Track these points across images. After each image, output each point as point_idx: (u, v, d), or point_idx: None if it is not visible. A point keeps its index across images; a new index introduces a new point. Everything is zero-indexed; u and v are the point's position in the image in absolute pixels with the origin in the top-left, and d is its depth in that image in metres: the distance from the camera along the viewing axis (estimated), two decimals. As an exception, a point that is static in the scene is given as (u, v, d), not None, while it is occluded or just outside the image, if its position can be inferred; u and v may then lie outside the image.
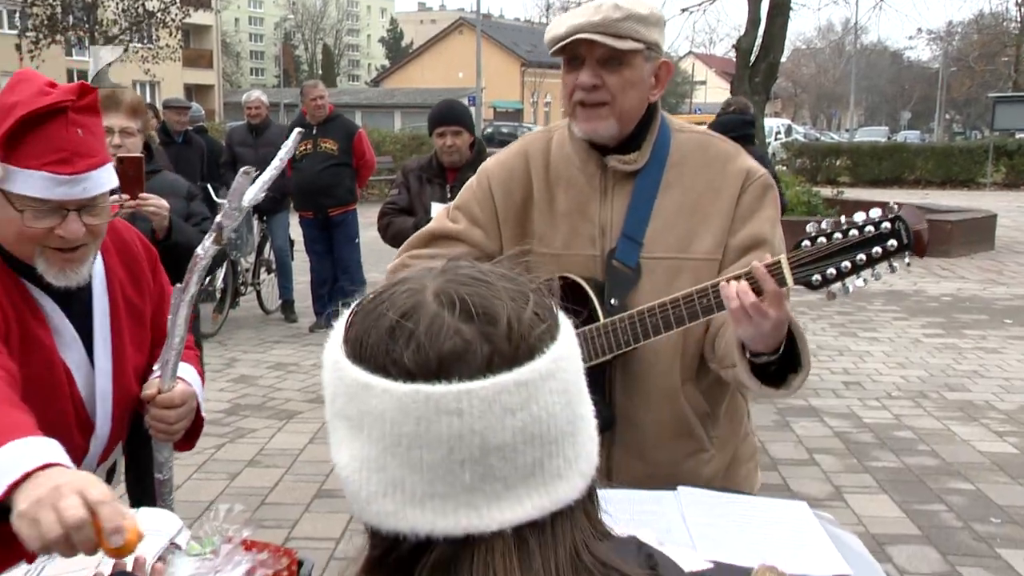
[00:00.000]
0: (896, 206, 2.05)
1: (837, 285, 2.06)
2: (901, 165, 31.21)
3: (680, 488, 2.16)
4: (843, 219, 2.07)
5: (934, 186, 29.92)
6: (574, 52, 2.30)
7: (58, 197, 2.05)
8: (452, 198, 3.77)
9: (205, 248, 2.32)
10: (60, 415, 2.19)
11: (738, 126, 8.07)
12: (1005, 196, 26.62)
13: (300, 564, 1.83)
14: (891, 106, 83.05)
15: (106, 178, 2.13)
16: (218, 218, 2.32)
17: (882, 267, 2.03)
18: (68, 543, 1.46)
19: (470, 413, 0.97)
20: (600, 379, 2.37)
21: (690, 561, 1.51)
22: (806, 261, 2.07)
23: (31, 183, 2.03)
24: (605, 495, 2.12)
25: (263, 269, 11.18)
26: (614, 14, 2.23)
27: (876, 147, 34.00)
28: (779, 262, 2.08)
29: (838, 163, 31.45)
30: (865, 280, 2.05)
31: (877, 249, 2.01)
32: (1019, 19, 41.65)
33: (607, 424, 2.37)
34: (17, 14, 34.36)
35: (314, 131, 9.57)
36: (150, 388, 2.34)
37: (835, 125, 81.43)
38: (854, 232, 2.03)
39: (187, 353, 2.47)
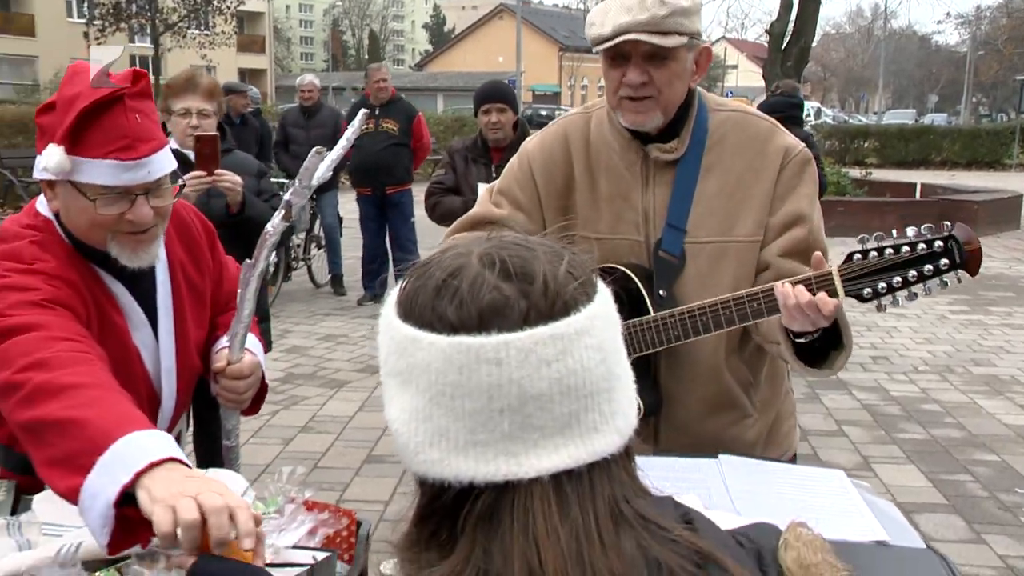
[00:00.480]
0: (949, 225, 2.01)
1: (887, 298, 2.03)
2: (928, 147, 30.96)
3: (721, 456, 2.15)
4: (894, 233, 2.03)
5: (960, 167, 29.66)
6: (620, 50, 2.22)
7: (125, 183, 2.04)
8: (497, 177, 3.76)
9: (275, 225, 2.33)
10: (133, 390, 2.14)
11: (786, 107, 7.99)
12: (1030, 177, 26.27)
13: (359, 524, 1.85)
14: (918, 89, 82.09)
15: (167, 160, 2.13)
16: (287, 196, 2.33)
17: (933, 283, 2.00)
18: (194, 534, 1.45)
19: (508, 363, 0.99)
20: (646, 365, 2.35)
21: (731, 523, 1.51)
22: (857, 275, 2.04)
23: (98, 172, 2.02)
24: (648, 462, 2.13)
25: (313, 245, 11.23)
26: (660, 11, 2.15)
27: (903, 129, 33.75)
28: (831, 274, 2.05)
29: (866, 145, 31.18)
30: (915, 295, 2.03)
31: (929, 267, 1.99)
32: (1047, 3, 41.11)
33: (655, 408, 2.37)
34: (85, 3, 34.64)
35: (376, 111, 9.52)
36: (220, 360, 2.35)
37: (863, 108, 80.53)
38: (905, 248, 2.00)
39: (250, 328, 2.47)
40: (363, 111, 2.95)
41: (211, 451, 3.84)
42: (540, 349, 1.00)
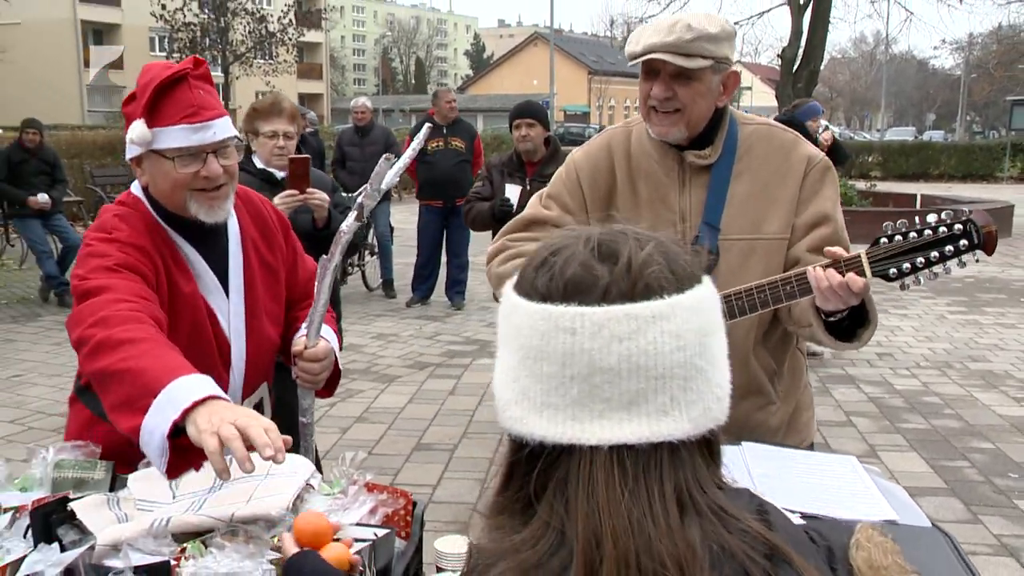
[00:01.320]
0: (968, 210, 2.03)
1: (911, 278, 2.05)
2: (927, 161, 30.77)
3: (744, 443, 2.15)
4: (916, 219, 2.05)
5: (956, 180, 29.46)
6: (650, 66, 2.28)
7: (196, 143, 2.19)
8: (530, 189, 3.77)
9: (348, 225, 2.41)
10: (205, 347, 2.30)
11: (799, 126, 7.98)
12: (1021, 189, 26.16)
13: (414, 504, 1.86)
14: (917, 109, 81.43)
15: (228, 126, 2.27)
16: (360, 198, 2.40)
17: (953, 263, 2.01)
18: (237, 444, 1.60)
19: (582, 333, 1.00)
20: None
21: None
22: (883, 257, 2.05)
23: (173, 136, 2.18)
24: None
25: (367, 252, 11.25)
26: (686, 35, 2.21)
27: (904, 145, 33.58)
28: (859, 257, 2.07)
29: (870, 159, 31.00)
30: (936, 274, 2.04)
31: (949, 247, 2.00)
32: (1033, 31, 41.15)
33: None
34: (166, 39, 35.34)
35: (444, 130, 9.51)
36: (297, 344, 2.43)
37: (867, 126, 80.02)
38: (928, 232, 2.02)
39: (327, 317, 2.54)
40: (427, 125, 3.00)
41: (290, 427, 3.90)
42: (613, 325, 1.00)
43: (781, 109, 15.42)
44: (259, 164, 4.19)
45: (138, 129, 2.18)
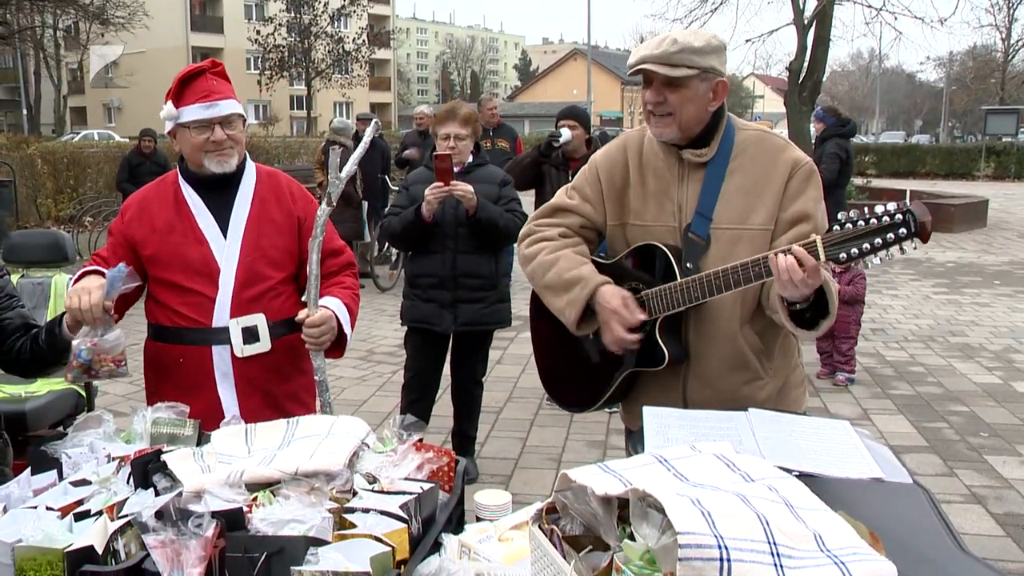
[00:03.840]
0: (908, 202, 2.00)
1: (858, 262, 2.02)
2: (915, 161, 30.51)
3: (750, 410, 2.10)
4: (866, 210, 2.02)
5: (940, 177, 29.18)
6: (645, 75, 2.29)
7: (207, 116, 2.62)
8: (571, 181, 3.67)
9: (322, 210, 2.59)
10: (192, 263, 2.66)
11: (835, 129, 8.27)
12: (994, 185, 25.94)
13: (457, 462, 1.83)
14: (907, 116, 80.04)
15: (232, 105, 2.66)
16: (328, 188, 2.63)
17: (894, 249, 1.99)
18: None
19: None
20: (677, 324, 2.35)
21: (758, 464, 1.46)
22: (835, 242, 2.03)
23: (190, 112, 2.62)
24: (691, 414, 2.08)
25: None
26: (671, 48, 2.22)
27: (895, 147, 33.37)
28: (815, 241, 2.04)
29: (867, 159, 30.58)
30: (881, 259, 2.01)
31: (891, 235, 1.97)
32: (1003, 50, 40.71)
33: (682, 358, 2.36)
34: (259, 59, 35.84)
35: (491, 133, 9.34)
36: (300, 314, 2.62)
37: (864, 130, 78.71)
38: (874, 221, 1.99)
39: (342, 292, 2.80)
40: (375, 121, 3.26)
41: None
42: None
43: (789, 117, 15.21)
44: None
45: (168, 109, 2.65)
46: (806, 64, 15.90)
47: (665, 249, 2.33)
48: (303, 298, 2.68)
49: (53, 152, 17.55)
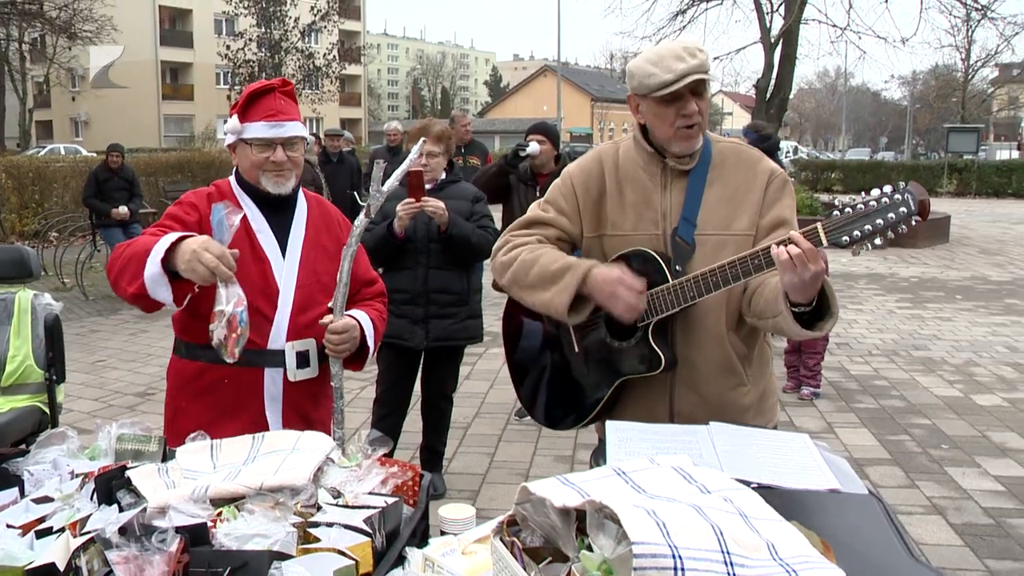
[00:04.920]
0: (904, 183, 2.04)
1: (861, 244, 2.05)
2: (880, 177, 30.67)
3: (712, 423, 2.13)
4: (863, 194, 2.06)
5: (905, 193, 29.50)
6: (679, 92, 2.26)
7: (270, 136, 2.56)
8: (540, 196, 3.72)
9: (359, 221, 2.56)
10: (260, 278, 2.56)
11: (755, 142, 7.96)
12: (956, 202, 26.33)
13: (421, 476, 1.84)
14: (872, 133, 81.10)
15: (298, 128, 2.61)
16: (367, 200, 2.58)
17: (896, 228, 2.02)
18: (212, 277, 2.20)
19: None
20: (665, 330, 2.36)
21: (717, 477, 1.49)
22: (836, 226, 2.05)
23: (255, 129, 2.56)
24: (655, 428, 2.11)
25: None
26: (703, 56, 2.27)
27: (861, 163, 33.75)
28: (816, 228, 2.06)
29: (832, 175, 31.12)
30: (881, 240, 2.04)
31: (892, 215, 2.01)
32: (963, 70, 41.59)
33: (671, 364, 2.36)
34: (229, 74, 35.78)
35: (462, 150, 9.38)
36: (325, 319, 2.57)
37: (830, 147, 79.66)
38: (873, 203, 2.03)
39: (369, 308, 2.76)
40: (423, 140, 3.14)
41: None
42: None
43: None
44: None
45: (232, 123, 2.57)
46: (773, 82, 16.12)
47: (654, 254, 2.34)
48: (328, 304, 2.60)
49: (18, 166, 17.32)
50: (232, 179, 2.68)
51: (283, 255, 2.61)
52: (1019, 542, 4.17)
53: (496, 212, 6.01)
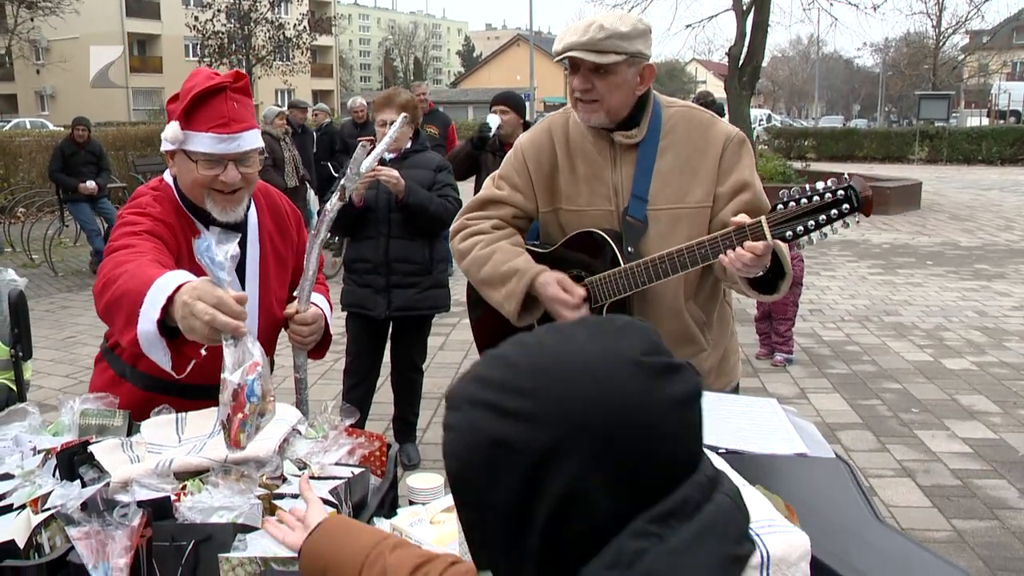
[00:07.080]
0: (848, 177, 2.04)
1: (804, 239, 2.05)
2: (853, 145, 30.93)
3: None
4: (808, 187, 2.05)
5: (876, 161, 29.66)
6: (572, 62, 2.26)
7: (219, 151, 2.10)
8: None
9: (332, 204, 2.38)
10: None
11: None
12: (928, 169, 26.46)
13: (388, 447, 1.84)
14: (845, 100, 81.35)
15: (255, 139, 2.17)
16: (342, 181, 2.37)
17: (838, 224, 2.02)
18: (214, 333, 1.62)
19: None
20: (623, 305, 2.36)
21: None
22: (781, 221, 2.05)
23: (201, 142, 2.10)
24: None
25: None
26: (598, 35, 2.19)
27: (834, 131, 33.70)
28: (760, 223, 2.05)
29: (806, 143, 31.11)
30: (825, 235, 2.04)
31: (835, 211, 2.00)
32: (934, 37, 41.73)
33: None
34: (198, 46, 35.12)
35: (421, 120, 9.33)
36: (290, 309, 2.37)
37: (804, 115, 79.93)
38: (816, 198, 2.02)
39: (321, 288, 2.51)
40: (403, 115, 2.98)
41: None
42: None
43: (730, 101, 15.40)
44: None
45: (172, 129, 2.11)
46: (745, 49, 16.07)
47: (604, 235, 2.33)
48: (294, 292, 2.41)
49: (-18, 141, 17.08)
50: (171, 184, 2.25)
51: (242, 285, 2.28)
52: (984, 502, 4.24)
53: (468, 185, 6.02)
